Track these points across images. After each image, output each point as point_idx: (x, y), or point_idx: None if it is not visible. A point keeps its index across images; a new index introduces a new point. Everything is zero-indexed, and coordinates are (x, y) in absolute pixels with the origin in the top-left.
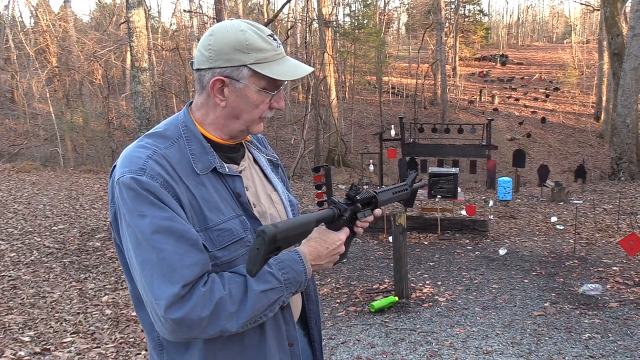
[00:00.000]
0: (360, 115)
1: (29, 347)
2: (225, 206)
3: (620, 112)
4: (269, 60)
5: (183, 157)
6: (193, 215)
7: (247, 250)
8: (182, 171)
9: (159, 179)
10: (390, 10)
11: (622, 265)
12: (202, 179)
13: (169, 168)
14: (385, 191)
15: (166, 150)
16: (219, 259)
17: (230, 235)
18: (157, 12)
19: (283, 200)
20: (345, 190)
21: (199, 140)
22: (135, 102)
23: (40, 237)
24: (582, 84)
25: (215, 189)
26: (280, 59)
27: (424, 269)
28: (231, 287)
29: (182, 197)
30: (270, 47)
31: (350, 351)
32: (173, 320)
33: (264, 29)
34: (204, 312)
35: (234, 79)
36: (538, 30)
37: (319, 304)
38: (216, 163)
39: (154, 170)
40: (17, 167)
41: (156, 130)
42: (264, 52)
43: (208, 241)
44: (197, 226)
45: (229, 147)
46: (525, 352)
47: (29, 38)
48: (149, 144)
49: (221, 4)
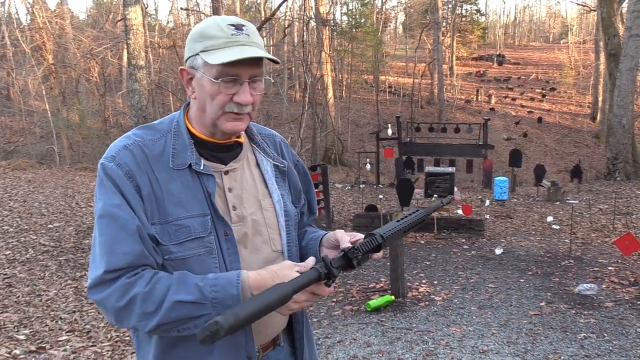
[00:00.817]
0: (357, 114)
1: (25, 346)
2: (192, 203)
3: (616, 112)
4: (217, 48)
5: (165, 151)
6: (153, 207)
7: (205, 250)
8: (157, 164)
9: (125, 167)
10: (387, 9)
11: (618, 265)
12: (176, 173)
13: (141, 159)
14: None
15: (150, 143)
16: (173, 254)
17: (187, 232)
18: (154, 9)
19: (276, 209)
20: (343, 186)
21: (183, 136)
22: (132, 99)
23: (36, 235)
24: (579, 84)
25: (186, 185)
26: (230, 46)
27: (420, 268)
28: (155, 287)
29: (143, 188)
30: (223, 34)
31: (347, 350)
32: (93, 300)
33: (228, 19)
34: (119, 302)
35: (194, 68)
36: (535, 30)
37: (308, 322)
38: (192, 160)
39: (123, 159)
40: (12, 164)
41: (152, 123)
42: (213, 40)
43: (165, 234)
44: (156, 218)
45: (217, 145)
46: (521, 352)
47: (25, 35)
48: (135, 134)
49: (218, 2)
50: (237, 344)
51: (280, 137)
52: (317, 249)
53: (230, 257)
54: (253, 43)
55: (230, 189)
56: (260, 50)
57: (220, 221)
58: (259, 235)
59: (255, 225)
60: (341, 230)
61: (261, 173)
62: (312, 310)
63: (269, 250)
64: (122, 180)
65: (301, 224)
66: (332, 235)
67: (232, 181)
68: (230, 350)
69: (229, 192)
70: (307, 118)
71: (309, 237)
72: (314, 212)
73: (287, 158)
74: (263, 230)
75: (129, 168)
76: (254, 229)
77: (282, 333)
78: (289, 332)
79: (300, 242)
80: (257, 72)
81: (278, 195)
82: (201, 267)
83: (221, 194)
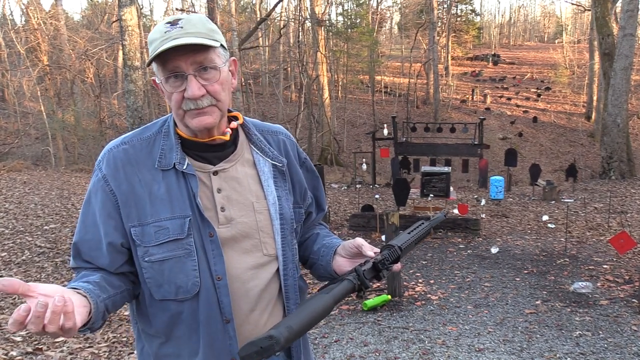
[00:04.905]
0: (353, 114)
1: (21, 347)
2: (175, 204)
3: (611, 111)
4: (155, 50)
5: (152, 152)
6: (132, 209)
7: (184, 252)
8: (141, 166)
9: (103, 172)
10: (382, 9)
11: (613, 264)
12: (160, 174)
13: (121, 163)
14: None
15: (138, 144)
16: (153, 255)
17: (166, 233)
18: (149, 10)
19: (270, 212)
20: (340, 187)
21: (171, 136)
22: (127, 100)
23: (32, 237)
24: (573, 83)
25: (169, 186)
26: (163, 44)
27: (416, 267)
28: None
29: (119, 192)
30: (159, 35)
31: (343, 349)
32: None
33: (168, 18)
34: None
35: (156, 74)
36: (530, 30)
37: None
38: (175, 159)
39: (104, 164)
40: (8, 166)
41: (148, 124)
42: (153, 43)
43: (146, 236)
44: (136, 220)
45: (204, 145)
46: (517, 350)
47: (20, 36)
48: (127, 136)
49: (213, 3)
50: (221, 347)
51: (284, 133)
52: (331, 257)
53: (215, 259)
54: (186, 34)
55: (219, 190)
56: (191, 38)
57: (205, 222)
58: (249, 239)
59: (245, 228)
60: (360, 239)
61: (257, 174)
62: None
63: (259, 254)
64: (95, 188)
65: (309, 222)
66: (350, 243)
67: (222, 182)
68: (213, 352)
69: (218, 193)
70: (303, 118)
71: (322, 243)
72: (323, 208)
73: (291, 155)
74: (254, 233)
75: (105, 173)
76: (243, 232)
77: None
78: None
79: (312, 246)
80: (202, 60)
81: (274, 197)
82: (180, 269)
83: (209, 195)
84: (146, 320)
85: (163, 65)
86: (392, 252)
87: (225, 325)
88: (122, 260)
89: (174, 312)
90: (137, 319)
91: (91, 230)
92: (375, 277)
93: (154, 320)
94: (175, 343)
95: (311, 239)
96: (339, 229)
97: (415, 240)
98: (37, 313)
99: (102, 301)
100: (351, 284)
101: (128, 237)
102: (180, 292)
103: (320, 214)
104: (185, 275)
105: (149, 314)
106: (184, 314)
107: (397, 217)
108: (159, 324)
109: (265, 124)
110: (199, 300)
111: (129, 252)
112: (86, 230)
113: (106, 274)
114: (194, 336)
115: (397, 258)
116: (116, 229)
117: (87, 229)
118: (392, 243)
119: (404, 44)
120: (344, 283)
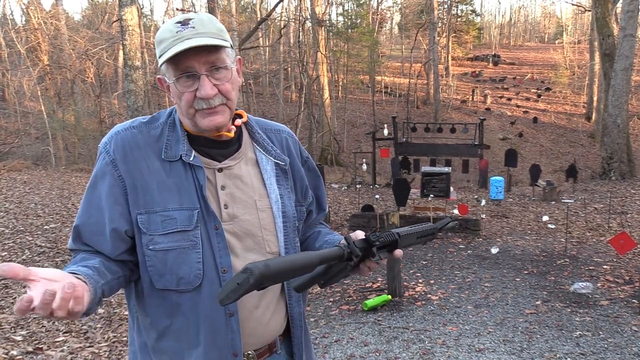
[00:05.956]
0: (353, 114)
1: (21, 347)
2: (182, 195)
3: (611, 112)
4: (166, 49)
5: (159, 141)
6: (139, 196)
7: (190, 244)
8: (149, 153)
9: (112, 155)
10: (383, 9)
11: (613, 264)
12: (167, 165)
13: (129, 147)
14: (410, 234)
15: (147, 130)
16: (158, 244)
17: (173, 224)
18: (150, 10)
19: (273, 210)
20: (340, 187)
21: (177, 129)
22: (127, 100)
23: (32, 236)
24: (574, 84)
25: (177, 177)
26: (176, 44)
27: (416, 267)
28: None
29: (126, 177)
30: (170, 34)
31: (344, 349)
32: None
33: (177, 18)
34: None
35: (163, 74)
36: (530, 31)
37: (306, 327)
38: (182, 151)
39: (112, 146)
40: (8, 166)
41: (153, 115)
42: (164, 43)
43: (152, 224)
44: (142, 207)
45: (209, 140)
46: (517, 350)
47: (20, 36)
48: (136, 120)
49: (214, 3)
50: (223, 340)
51: (287, 132)
52: None
53: (220, 252)
54: (199, 34)
55: (223, 187)
56: (205, 38)
57: (211, 215)
58: (251, 236)
59: (247, 226)
60: (361, 231)
61: (260, 172)
62: (309, 310)
63: (262, 252)
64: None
65: (310, 221)
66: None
67: (226, 179)
68: (215, 345)
69: (222, 190)
70: (303, 118)
71: (324, 240)
72: (323, 208)
73: (293, 154)
74: (256, 231)
75: (114, 157)
76: (245, 230)
77: (280, 339)
78: (287, 338)
79: (314, 243)
80: (214, 60)
81: (276, 195)
82: (183, 261)
83: (213, 191)
84: (145, 311)
85: (176, 65)
86: (389, 234)
87: (228, 318)
88: (124, 247)
89: (173, 302)
90: (135, 308)
91: (95, 214)
92: (368, 252)
93: (153, 310)
94: (174, 335)
95: (313, 237)
96: (339, 229)
97: (417, 234)
98: (46, 300)
99: (100, 287)
100: (340, 250)
101: (133, 224)
102: (181, 283)
103: (321, 214)
104: (189, 266)
105: (148, 304)
106: (184, 306)
107: (397, 217)
108: (158, 314)
109: (269, 122)
110: (201, 293)
111: (132, 240)
112: (90, 214)
113: (105, 258)
114: (194, 329)
115: (393, 242)
116: (122, 216)
117: (91, 212)
118: (392, 230)
119: (404, 44)
120: (333, 248)
